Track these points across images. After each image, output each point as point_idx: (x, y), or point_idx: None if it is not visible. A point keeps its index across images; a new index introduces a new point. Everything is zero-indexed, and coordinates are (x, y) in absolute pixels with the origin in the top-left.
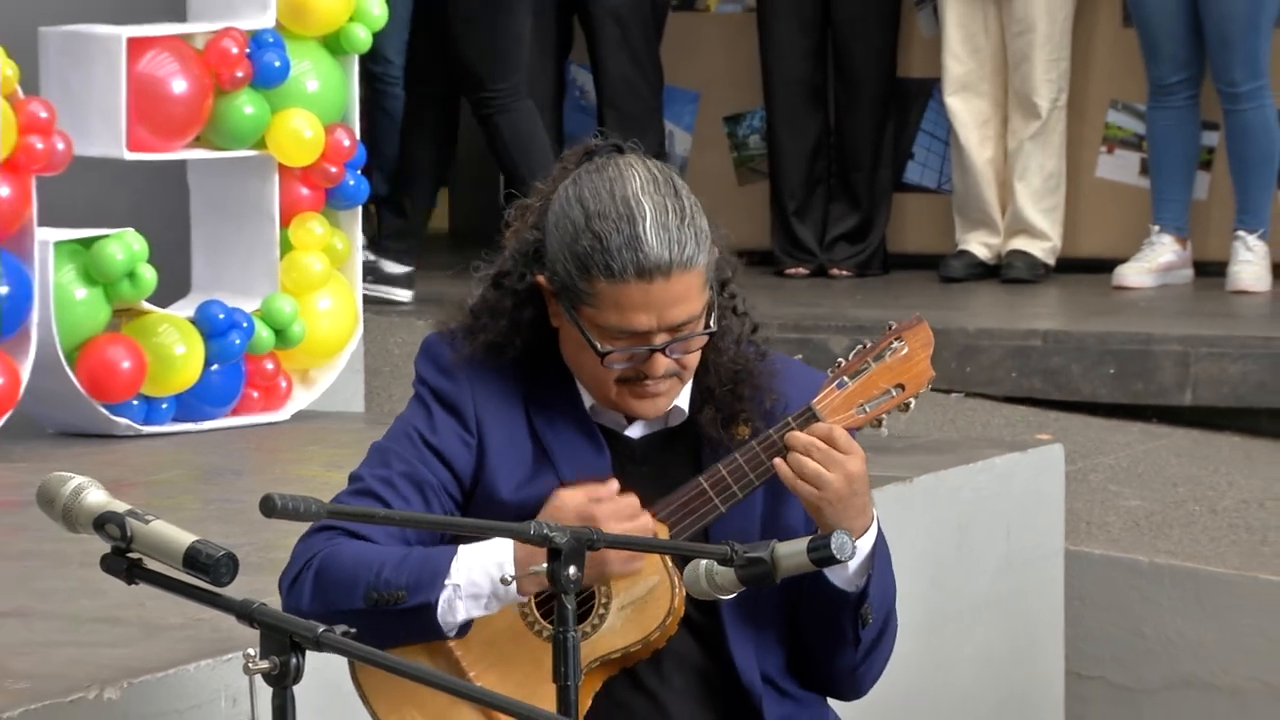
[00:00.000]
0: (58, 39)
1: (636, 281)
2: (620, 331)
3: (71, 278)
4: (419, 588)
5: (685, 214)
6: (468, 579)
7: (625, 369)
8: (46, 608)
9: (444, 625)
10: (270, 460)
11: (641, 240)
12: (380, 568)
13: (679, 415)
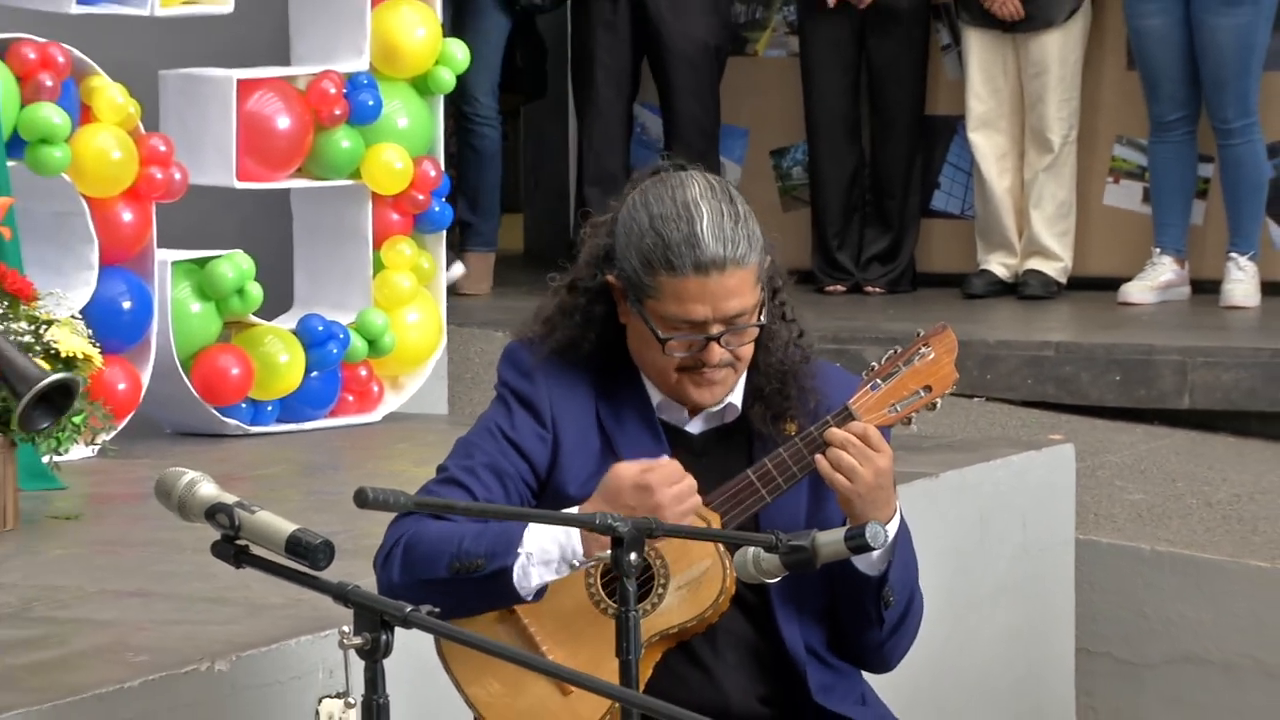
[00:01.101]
0: (176, 80)
1: (694, 275)
2: (680, 321)
3: (187, 294)
4: (496, 555)
5: (739, 217)
6: (539, 547)
7: (684, 357)
8: (164, 589)
9: (520, 590)
10: (363, 457)
11: (699, 238)
12: (461, 540)
13: (733, 412)
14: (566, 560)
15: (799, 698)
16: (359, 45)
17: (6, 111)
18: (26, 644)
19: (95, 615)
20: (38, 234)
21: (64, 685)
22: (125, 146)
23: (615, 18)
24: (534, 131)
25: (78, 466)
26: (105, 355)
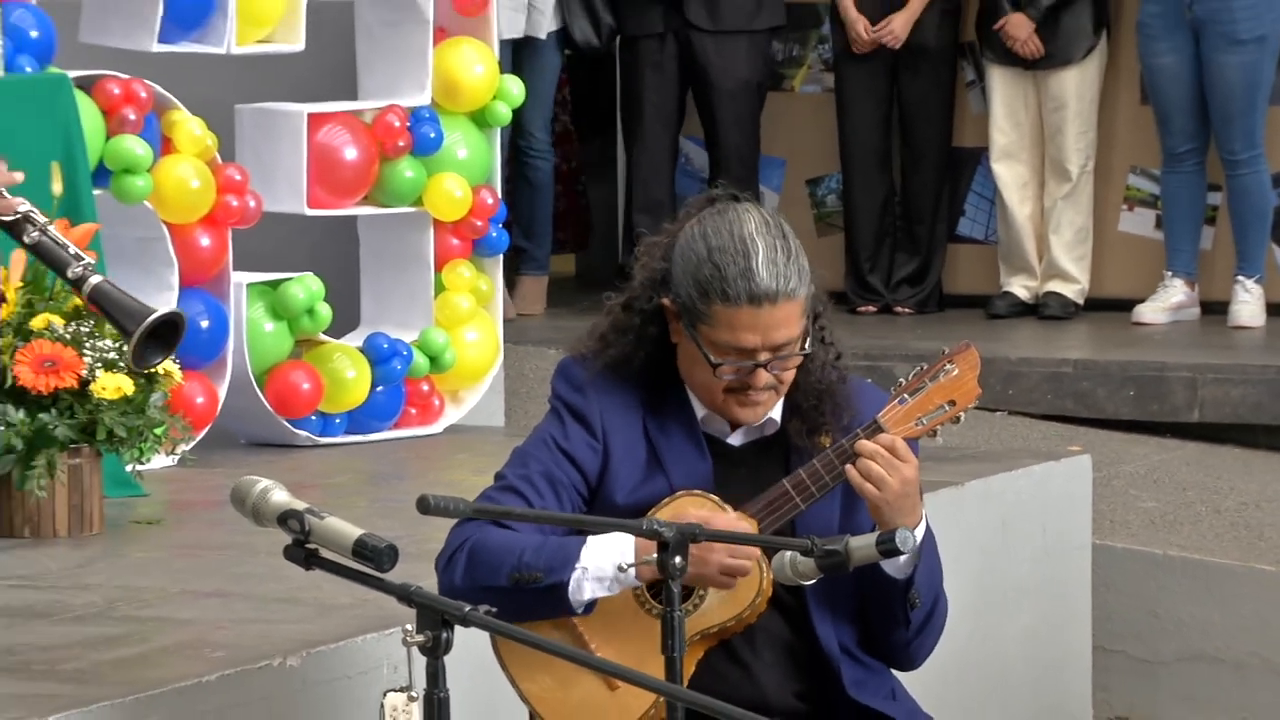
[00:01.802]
0: (251, 114)
1: (748, 306)
2: (731, 348)
3: (261, 313)
4: (554, 570)
5: (791, 253)
6: (594, 564)
7: (732, 380)
8: (240, 590)
9: (573, 603)
10: (426, 466)
11: (754, 272)
12: (521, 552)
13: (772, 426)
14: (618, 580)
15: (833, 693)
16: (422, 81)
17: (93, 143)
18: (111, 641)
19: (175, 614)
20: (122, 258)
21: (146, 680)
22: (203, 176)
23: (663, 57)
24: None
25: (159, 475)
26: (185, 371)
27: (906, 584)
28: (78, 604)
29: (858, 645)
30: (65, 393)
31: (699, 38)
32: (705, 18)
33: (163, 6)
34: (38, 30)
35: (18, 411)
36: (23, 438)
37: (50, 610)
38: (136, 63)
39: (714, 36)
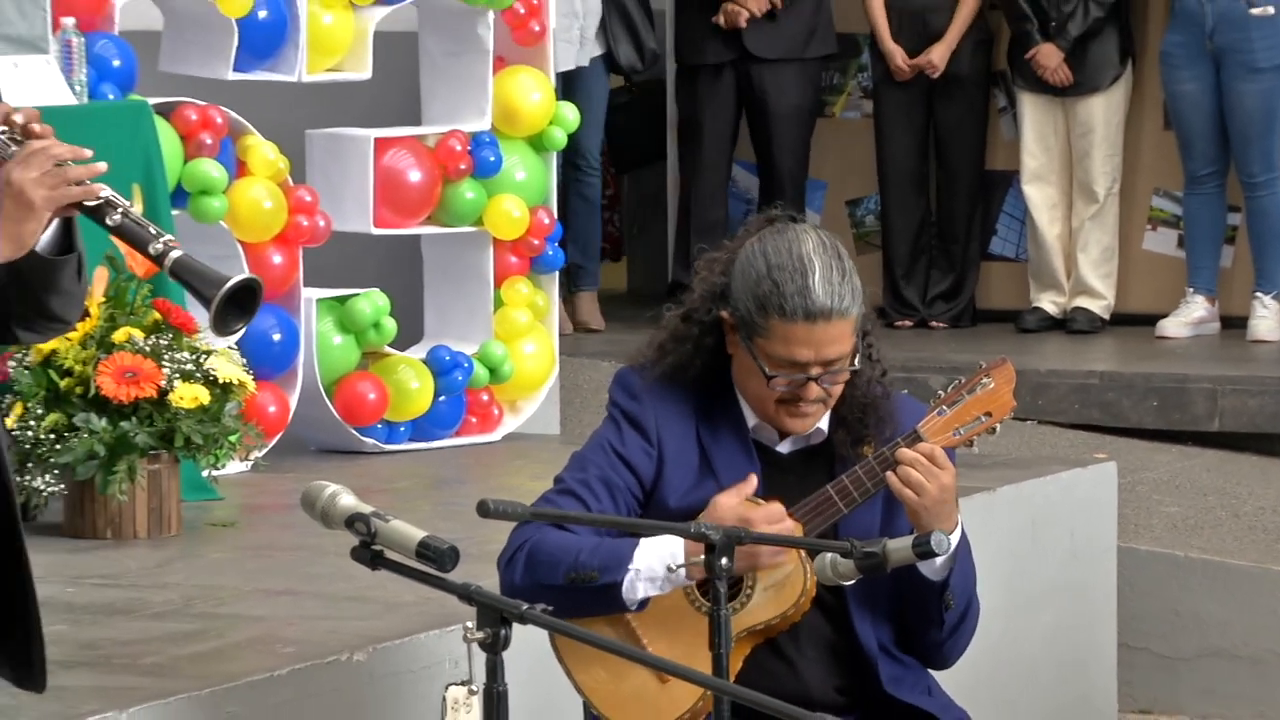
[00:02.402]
0: (321, 139)
1: (804, 322)
2: (785, 361)
3: (330, 327)
4: (608, 570)
5: (846, 273)
6: (646, 565)
7: (784, 392)
8: (310, 589)
9: (626, 601)
10: (485, 472)
11: (811, 290)
12: (578, 553)
13: (819, 436)
14: (669, 580)
15: (871, 688)
16: (482, 107)
17: (171, 166)
18: (188, 637)
19: (249, 611)
20: None
21: (221, 673)
22: (276, 197)
23: (720, 85)
24: (637, 184)
25: (233, 480)
26: (257, 381)
27: (942, 586)
28: (156, 601)
29: (895, 644)
30: (145, 402)
31: (756, 66)
32: (762, 47)
33: (238, 37)
34: (120, 59)
35: (100, 420)
36: (105, 445)
37: (130, 607)
38: (213, 90)
39: (770, 65)
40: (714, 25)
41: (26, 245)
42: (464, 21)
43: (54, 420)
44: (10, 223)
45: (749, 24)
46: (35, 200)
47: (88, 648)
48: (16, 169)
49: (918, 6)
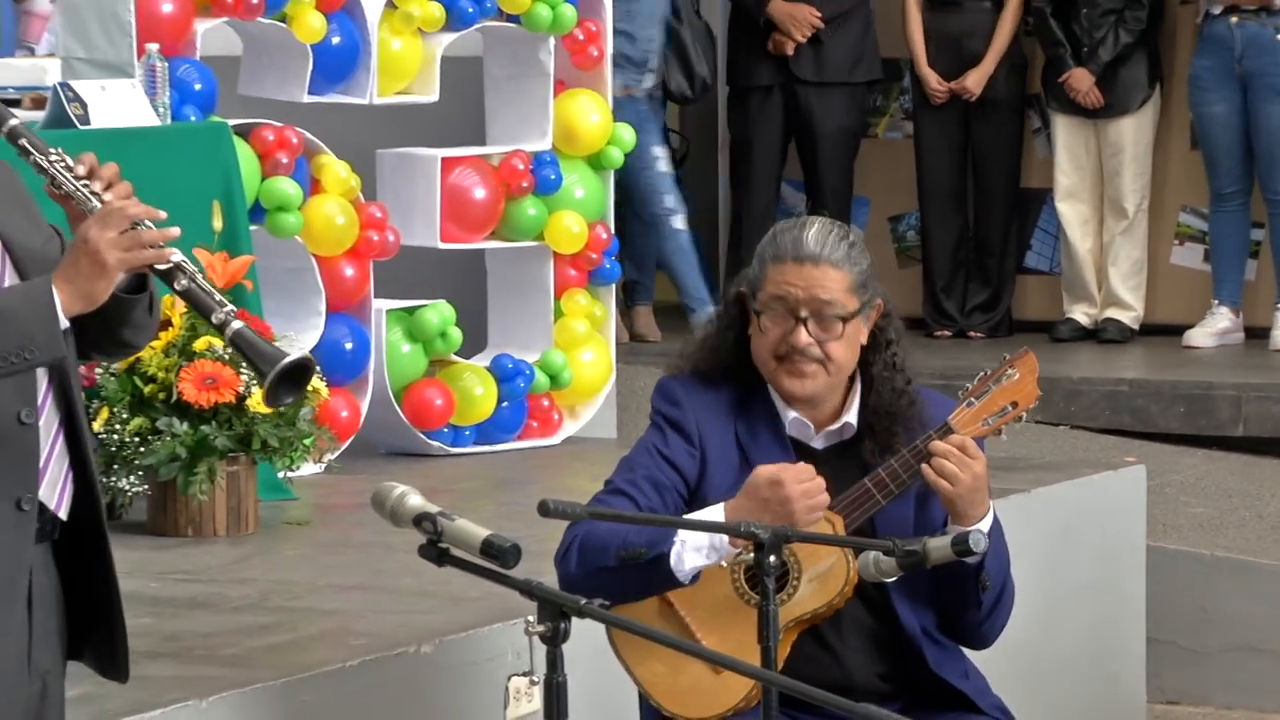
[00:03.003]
0: (391, 158)
1: (793, 263)
2: (776, 299)
3: (399, 336)
4: (656, 544)
5: (847, 238)
6: (692, 536)
7: (778, 342)
8: (380, 584)
9: (676, 572)
10: (546, 474)
11: (803, 238)
12: (626, 534)
13: (850, 430)
14: (715, 548)
15: (914, 672)
16: (543, 128)
17: (250, 184)
18: (264, 629)
19: (322, 605)
20: (275, 286)
21: (295, 664)
22: (348, 213)
23: (769, 107)
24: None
25: (307, 481)
26: (331, 388)
27: (977, 569)
28: (235, 596)
29: (936, 627)
30: (224, 407)
31: (804, 90)
32: (809, 71)
33: (312, 62)
34: (201, 83)
35: (182, 424)
36: (186, 447)
37: (210, 601)
38: (289, 112)
39: (818, 88)
40: (763, 50)
41: (97, 302)
42: (526, 47)
43: (138, 424)
44: (83, 280)
45: (796, 49)
46: (109, 261)
47: (170, 639)
48: (94, 227)
49: (955, 32)
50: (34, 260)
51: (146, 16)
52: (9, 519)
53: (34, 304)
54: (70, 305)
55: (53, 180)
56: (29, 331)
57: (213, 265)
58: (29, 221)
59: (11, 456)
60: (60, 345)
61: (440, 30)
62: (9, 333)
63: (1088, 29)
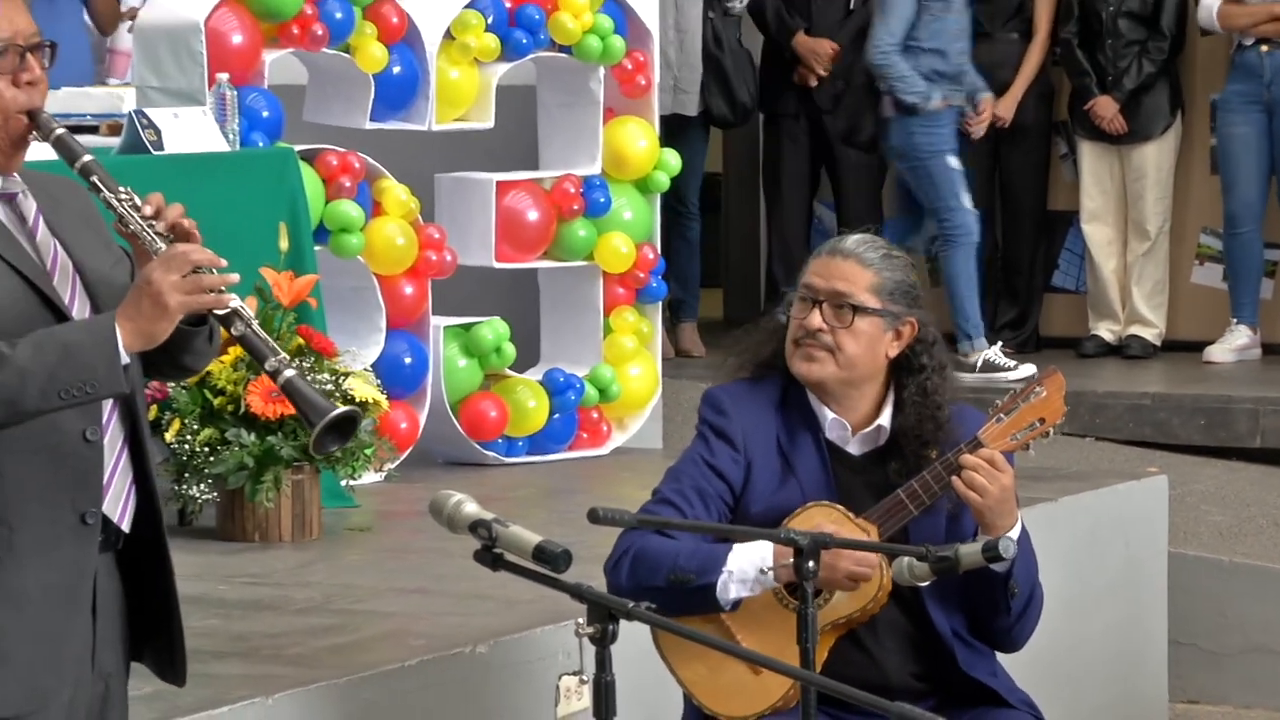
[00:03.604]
0: (448, 182)
1: (825, 256)
2: (805, 285)
3: (455, 352)
4: (704, 573)
5: (890, 253)
6: (739, 568)
7: (796, 326)
8: (437, 588)
9: (720, 601)
10: (595, 483)
11: (846, 239)
12: (676, 557)
13: (883, 434)
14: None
15: (946, 672)
16: (593, 154)
17: (314, 206)
18: (327, 630)
19: (382, 608)
20: (338, 304)
21: (357, 664)
22: (407, 235)
23: (798, 132)
24: (732, 222)
25: (369, 489)
26: (390, 400)
27: (1006, 576)
28: (299, 598)
29: (967, 630)
30: (290, 418)
31: (828, 117)
32: (829, 102)
33: (374, 91)
34: (268, 110)
35: (249, 435)
36: (253, 457)
37: (276, 604)
38: (352, 138)
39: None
40: (791, 80)
41: (157, 341)
42: (577, 76)
43: (208, 435)
44: (145, 320)
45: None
46: (170, 304)
47: (238, 640)
48: (158, 270)
49: (985, 62)
50: (103, 282)
51: (217, 47)
52: (74, 531)
53: (98, 340)
54: (131, 343)
55: (120, 218)
56: (92, 366)
57: (279, 284)
58: (100, 244)
59: (77, 472)
60: (121, 381)
61: (495, 60)
62: (73, 367)
63: (1112, 59)
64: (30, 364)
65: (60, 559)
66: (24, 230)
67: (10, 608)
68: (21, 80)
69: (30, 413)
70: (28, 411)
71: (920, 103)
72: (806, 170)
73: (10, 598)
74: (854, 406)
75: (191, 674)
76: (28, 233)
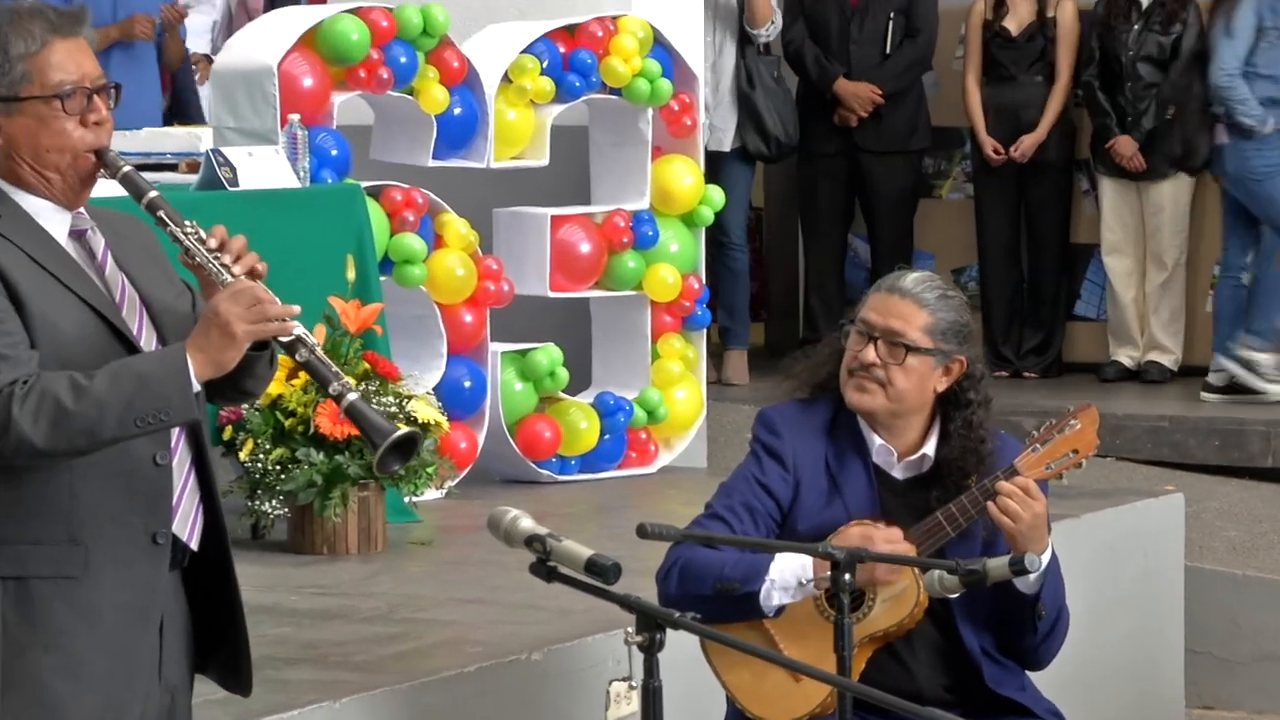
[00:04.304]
0: (505, 216)
1: (883, 293)
2: (862, 320)
3: (512, 376)
4: (748, 581)
5: (948, 295)
6: (781, 576)
7: (850, 357)
8: (494, 598)
9: (764, 608)
10: (643, 499)
11: (904, 278)
12: (722, 567)
13: (927, 462)
14: (800, 589)
15: (974, 686)
16: (642, 190)
17: (380, 239)
18: (391, 638)
19: (442, 617)
20: (402, 331)
21: (419, 669)
22: (467, 266)
23: (834, 168)
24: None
25: (430, 505)
26: (451, 422)
27: (1034, 599)
28: (365, 608)
29: (995, 648)
30: (356, 439)
31: (865, 156)
32: (870, 140)
33: (436, 130)
34: (337, 149)
35: (318, 454)
36: (322, 475)
37: (342, 613)
38: (415, 175)
39: (878, 155)
40: (829, 120)
41: (226, 369)
42: (627, 117)
43: (280, 454)
44: (214, 349)
45: (859, 121)
46: (238, 333)
47: (307, 647)
48: (225, 302)
49: (1011, 104)
50: (168, 313)
51: (289, 90)
52: (146, 551)
53: (170, 371)
54: (202, 371)
55: (186, 251)
56: (166, 395)
57: (346, 312)
58: (164, 277)
59: (148, 495)
60: (193, 408)
61: (550, 102)
62: (149, 396)
63: (1131, 101)
64: (107, 395)
65: (133, 577)
66: (93, 265)
67: (86, 624)
68: (89, 120)
69: (108, 440)
70: (106, 440)
71: (1256, 126)
72: (842, 205)
73: (86, 615)
74: (901, 435)
75: (263, 679)
76: (97, 267)
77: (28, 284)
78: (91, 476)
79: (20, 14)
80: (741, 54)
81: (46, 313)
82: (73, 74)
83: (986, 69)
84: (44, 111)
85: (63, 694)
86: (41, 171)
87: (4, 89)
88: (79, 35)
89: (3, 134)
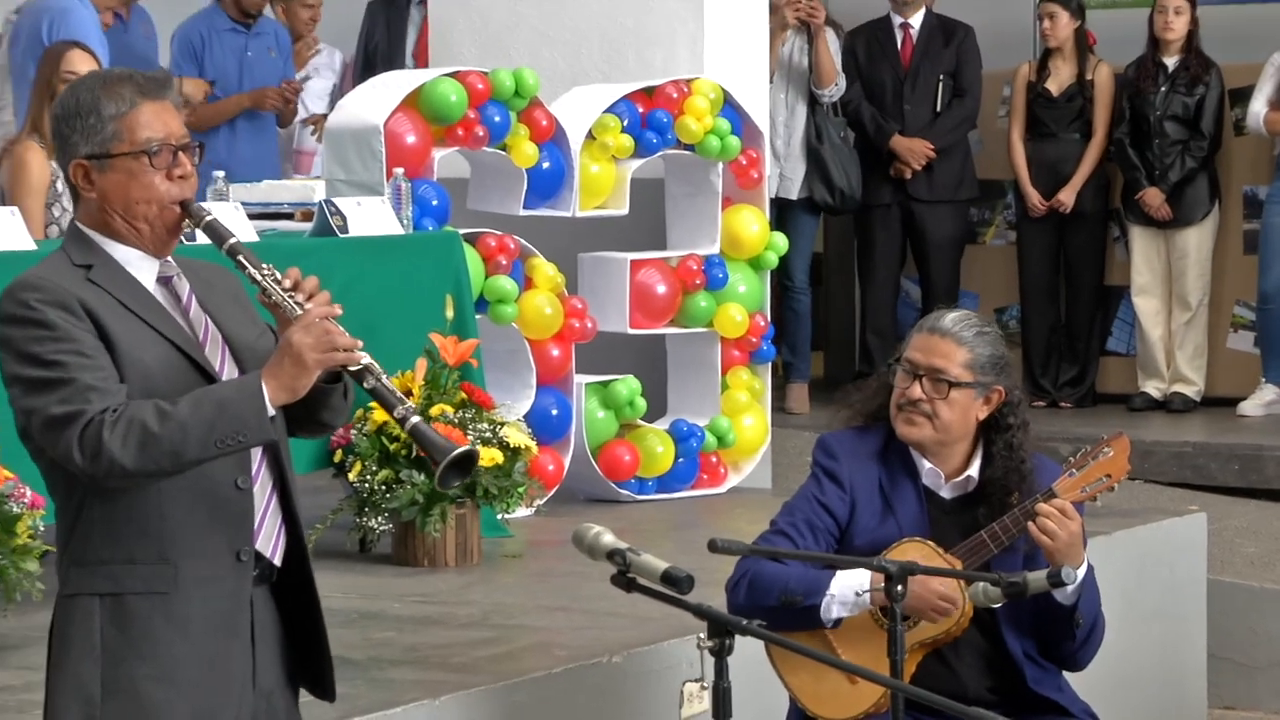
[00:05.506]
0: (589, 260)
1: (925, 333)
2: (908, 359)
3: (595, 405)
4: (810, 595)
5: (983, 330)
6: (840, 591)
7: (898, 393)
8: (579, 606)
9: (824, 619)
10: (714, 517)
11: (944, 317)
12: (787, 581)
13: (972, 483)
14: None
15: (1017, 687)
16: (713, 236)
17: (475, 281)
18: (485, 642)
19: (532, 623)
20: (495, 364)
21: (510, 671)
22: (554, 305)
23: (889, 217)
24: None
25: (521, 522)
26: (540, 446)
27: (1071, 609)
28: (461, 615)
29: (1036, 652)
30: None
31: (918, 206)
32: (922, 190)
33: (526, 182)
34: (436, 199)
35: (420, 475)
36: (423, 494)
37: (442, 619)
38: (507, 223)
39: (929, 205)
40: (885, 173)
41: (299, 394)
42: (699, 170)
43: (385, 475)
44: (287, 376)
45: (912, 174)
46: (309, 362)
47: (409, 650)
48: (297, 333)
49: (1052, 158)
50: (248, 350)
51: (394, 146)
52: (231, 567)
53: (246, 395)
54: (277, 396)
55: (264, 291)
56: (243, 417)
57: (445, 347)
58: (247, 319)
59: (231, 516)
60: (269, 430)
61: (630, 157)
62: (227, 419)
63: (1159, 155)
64: (190, 419)
65: (220, 590)
66: (178, 307)
67: (178, 635)
68: (174, 175)
69: (192, 461)
70: (189, 460)
71: None
72: (897, 251)
73: (178, 626)
74: (948, 459)
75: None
76: (182, 309)
77: (117, 326)
78: (179, 500)
79: (110, 79)
80: (812, 112)
81: (134, 351)
82: (159, 132)
83: (1030, 126)
84: (133, 166)
85: (159, 700)
86: (132, 222)
87: (97, 146)
88: (164, 98)
89: (96, 188)
